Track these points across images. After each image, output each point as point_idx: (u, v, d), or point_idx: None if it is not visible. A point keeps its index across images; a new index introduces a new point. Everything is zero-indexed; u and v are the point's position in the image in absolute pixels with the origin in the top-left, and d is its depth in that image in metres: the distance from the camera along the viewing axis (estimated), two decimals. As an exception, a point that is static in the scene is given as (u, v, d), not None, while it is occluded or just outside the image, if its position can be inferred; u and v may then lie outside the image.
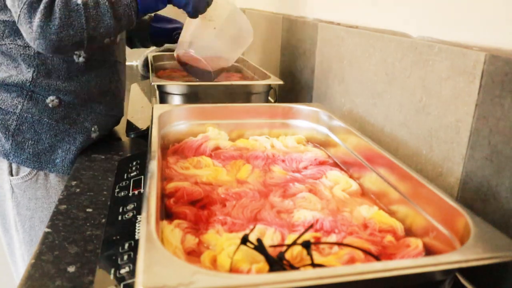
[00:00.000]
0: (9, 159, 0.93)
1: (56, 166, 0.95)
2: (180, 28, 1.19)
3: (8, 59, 0.90)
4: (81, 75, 0.94)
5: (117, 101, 1.07)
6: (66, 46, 0.80)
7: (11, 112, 0.90)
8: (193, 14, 0.97)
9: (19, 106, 0.90)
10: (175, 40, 1.20)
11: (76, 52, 0.92)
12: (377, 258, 0.50)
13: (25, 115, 0.91)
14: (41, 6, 0.75)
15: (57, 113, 0.93)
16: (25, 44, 0.88)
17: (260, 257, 0.46)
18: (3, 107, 0.90)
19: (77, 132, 0.97)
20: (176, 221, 0.56)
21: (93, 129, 1.00)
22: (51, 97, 0.92)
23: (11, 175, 0.95)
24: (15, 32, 0.88)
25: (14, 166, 0.94)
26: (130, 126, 1.11)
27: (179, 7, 0.95)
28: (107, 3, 0.81)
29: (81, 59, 0.93)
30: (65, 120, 0.94)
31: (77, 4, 0.78)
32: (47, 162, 0.95)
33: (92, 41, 0.82)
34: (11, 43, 0.88)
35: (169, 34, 1.25)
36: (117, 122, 1.12)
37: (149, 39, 1.25)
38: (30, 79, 0.89)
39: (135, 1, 0.85)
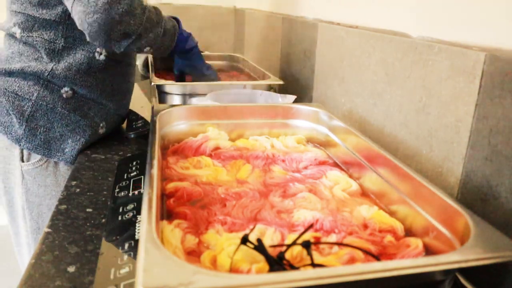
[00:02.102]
0: (20, 144, 0.94)
1: (64, 155, 0.97)
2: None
3: (30, 50, 0.94)
4: (98, 72, 0.98)
5: (125, 101, 1.10)
6: (118, 31, 0.85)
7: (27, 98, 0.92)
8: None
9: (35, 94, 0.93)
10: None
11: (98, 50, 0.96)
12: (377, 258, 0.50)
13: (40, 102, 0.93)
14: None
15: (70, 104, 0.96)
16: (51, 39, 0.92)
17: (260, 257, 0.46)
18: (20, 94, 0.93)
19: (87, 125, 0.99)
20: (176, 221, 0.56)
21: (101, 125, 1.02)
22: (65, 88, 0.94)
23: (22, 161, 0.97)
24: (44, 27, 0.92)
25: (25, 152, 0.96)
26: (130, 126, 1.11)
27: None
28: (162, 16, 0.96)
29: (102, 56, 0.97)
30: (77, 111, 0.97)
31: (146, 6, 0.89)
32: (56, 150, 0.96)
33: (137, 40, 0.90)
34: (38, 37, 0.92)
35: None
36: (122, 121, 1.14)
37: None
38: (50, 70, 0.92)
39: (177, 27, 1.02)
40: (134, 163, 0.87)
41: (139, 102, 1.35)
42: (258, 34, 1.83)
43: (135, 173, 0.82)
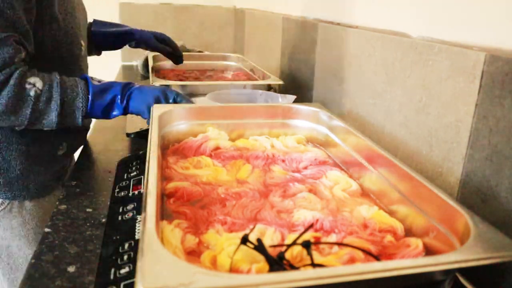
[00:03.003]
0: None
1: (29, 192, 0.92)
2: (130, 33, 1.16)
3: None
4: None
5: None
6: (4, 125, 0.82)
7: None
8: None
9: None
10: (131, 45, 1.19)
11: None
12: (377, 258, 0.50)
13: None
14: None
15: (26, 137, 0.88)
16: None
17: (260, 257, 0.46)
18: None
19: (45, 153, 0.92)
20: (176, 221, 0.56)
21: (60, 147, 0.95)
22: None
23: None
24: None
25: None
26: (130, 126, 1.10)
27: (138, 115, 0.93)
28: (58, 102, 0.80)
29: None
30: (35, 142, 0.90)
31: (29, 95, 0.77)
32: (20, 190, 0.91)
33: (30, 126, 0.81)
34: None
35: (116, 38, 1.17)
36: (85, 138, 1.06)
37: (93, 47, 1.15)
38: None
39: (86, 106, 0.83)
40: (134, 163, 0.87)
41: (139, 102, 1.34)
42: (258, 34, 1.83)
43: (135, 173, 0.82)
